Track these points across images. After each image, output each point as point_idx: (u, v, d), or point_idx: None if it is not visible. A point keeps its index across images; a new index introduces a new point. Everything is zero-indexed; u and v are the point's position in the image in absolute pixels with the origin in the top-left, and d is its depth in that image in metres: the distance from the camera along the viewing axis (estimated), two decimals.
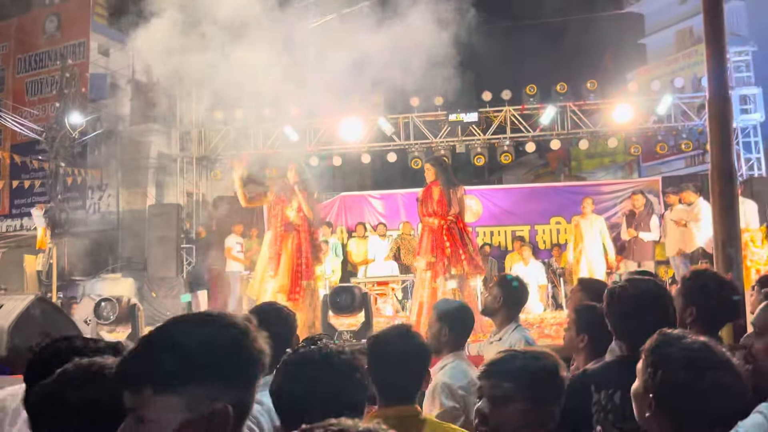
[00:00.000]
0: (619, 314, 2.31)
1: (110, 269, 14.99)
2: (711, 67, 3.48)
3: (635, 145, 13.29)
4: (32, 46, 18.39)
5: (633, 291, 2.31)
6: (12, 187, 16.31)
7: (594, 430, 2.16)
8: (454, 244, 6.34)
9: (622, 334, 2.31)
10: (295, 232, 6.76)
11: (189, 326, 1.17)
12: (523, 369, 1.69)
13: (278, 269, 6.65)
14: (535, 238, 13.14)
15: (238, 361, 1.16)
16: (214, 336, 1.15)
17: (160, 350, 1.13)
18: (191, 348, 1.13)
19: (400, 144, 13.60)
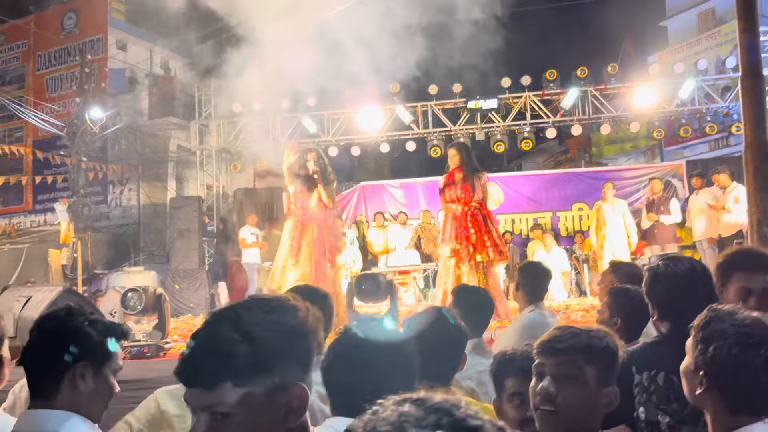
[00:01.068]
0: (662, 294, 2.25)
1: (132, 262, 15.14)
2: (743, 42, 3.38)
3: (658, 129, 13.08)
4: (51, 43, 18.56)
5: (676, 269, 2.25)
6: (35, 183, 16.50)
7: (636, 411, 2.11)
8: (479, 230, 6.27)
9: (665, 314, 2.25)
10: (316, 221, 6.73)
11: (256, 313, 1.14)
12: (591, 346, 1.61)
13: (299, 258, 6.63)
14: (557, 224, 13.03)
15: (305, 342, 1.16)
16: (283, 320, 1.14)
17: (236, 342, 1.09)
18: (266, 335, 1.11)
19: (419, 133, 13.53)
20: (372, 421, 0.74)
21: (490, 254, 6.23)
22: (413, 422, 0.71)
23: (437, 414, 0.72)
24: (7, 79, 19.45)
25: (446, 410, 0.73)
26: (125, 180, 17.25)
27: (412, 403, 0.74)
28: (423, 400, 0.75)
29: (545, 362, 1.63)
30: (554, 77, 13.15)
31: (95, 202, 15.08)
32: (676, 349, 1.97)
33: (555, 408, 1.57)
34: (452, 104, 13.56)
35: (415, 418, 0.72)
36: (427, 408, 0.73)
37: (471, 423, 0.72)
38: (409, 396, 0.76)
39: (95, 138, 13.84)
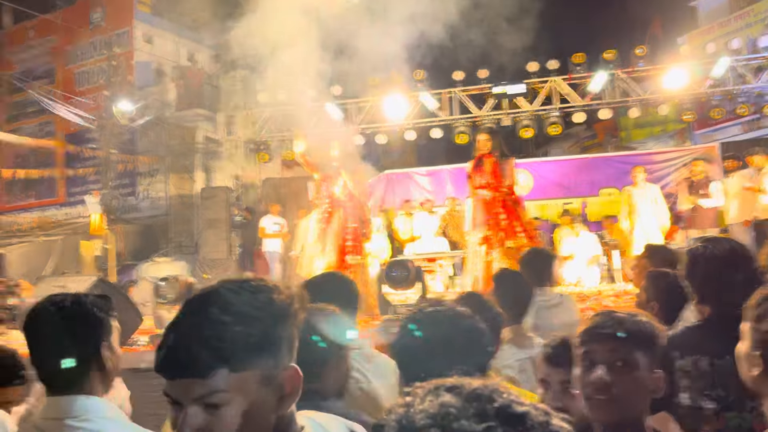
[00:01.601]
0: (703, 276, 2.19)
1: (162, 253, 15.33)
2: None
3: (688, 112, 12.82)
4: (79, 37, 18.78)
5: (716, 251, 2.19)
6: (67, 176, 16.77)
7: (679, 397, 2.06)
8: (509, 216, 6.21)
9: (706, 297, 2.19)
10: (341, 209, 6.73)
11: (243, 294, 1.08)
12: (639, 331, 1.57)
13: (325, 246, 6.64)
14: (585, 210, 12.87)
15: (292, 323, 1.11)
16: (271, 300, 1.09)
17: (228, 324, 1.03)
18: (258, 315, 1.06)
19: (445, 119, 13.43)
20: (408, 414, 0.67)
21: (522, 240, 6.17)
22: (456, 413, 0.66)
23: (480, 402, 0.67)
24: (37, 74, 19.75)
25: (488, 397, 0.68)
26: (154, 171, 17.44)
27: (448, 391, 0.69)
28: (460, 388, 0.70)
29: (595, 350, 1.56)
30: (581, 60, 12.95)
31: (125, 194, 15.29)
32: (719, 332, 1.92)
33: (611, 396, 1.53)
34: (478, 90, 13.43)
35: (457, 409, 0.66)
36: (468, 396, 0.68)
37: (517, 409, 0.67)
38: (442, 383, 0.71)
39: (123, 130, 14.02)
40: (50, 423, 1.53)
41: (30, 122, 19.59)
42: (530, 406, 0.68)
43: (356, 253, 6.39)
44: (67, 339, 1.60)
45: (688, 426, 2.03)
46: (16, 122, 19.76)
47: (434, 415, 0.66)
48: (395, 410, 0.69)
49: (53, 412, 1.54)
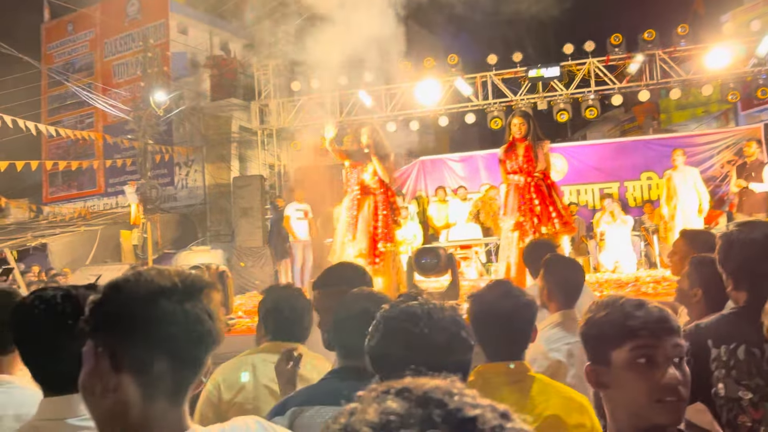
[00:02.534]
0: (738, 261, 2.08)
1: (200, 242, 15.53)
2: None
3: (733, 92, 12.40)
4: (116, 30, 19.06)
5: (752, 235, 2.07)
6: (106, 167, 17.09)
7: (714, 387, 1.97)
8: (543, 201, 6.06)
9: (741, 283, 2.08)
10: (372, 195, 6.66)
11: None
12: (677, 323, 1.48)
13: (356, 234, 6.60)
14: (624, 195, 12.59)
15: None
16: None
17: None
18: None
19: (479, 104, 13.26)
20: (350, 423, 0.63)
21: (557, 225, 6.01)
22: (398, 421, 0.61)
23: (427, 407, 0.63)
24: (77, 67, 20.13)
25: (437, 401, 0.63)
26: (190, 161, 17.65)
27: (396, 395, 0.65)
28: (409, 391, 0.65)
29: (656, 345, 1.41)
30: (619, 41, 12.62)
31: (162, 184, 15.51)
32: (756, 320, 1.83)
33: (681, 397, 1.40)
34: (512, 74, 13.22)
35: (399, 416, 0.62)
36: (416, 400, 0.63)
37: (467, 414, 0.62)
38: (394, 385, 0.66)
39: (160, 121, 14.20)
40: (50, 424, 1.48)
41: (70, 114, 20.01)
42: (486, 409, 0.63)
43: (387, 240, 6.33)
44: (60, 336, 1.53)
45: (725, 417, 1.95)
46: (57, 115, 20.20)
47: (375, 425, 0.62)
48: (340, 417, 0.65)
49: (52, 413, 1.49)
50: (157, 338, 1.10)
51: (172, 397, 1.12)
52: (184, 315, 1.11)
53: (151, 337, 1.09)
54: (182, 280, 1.13)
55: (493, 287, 2.29)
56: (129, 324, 1.10)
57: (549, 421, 1.99)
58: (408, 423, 0.61)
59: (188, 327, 1.11)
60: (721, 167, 12.06)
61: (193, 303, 1.13)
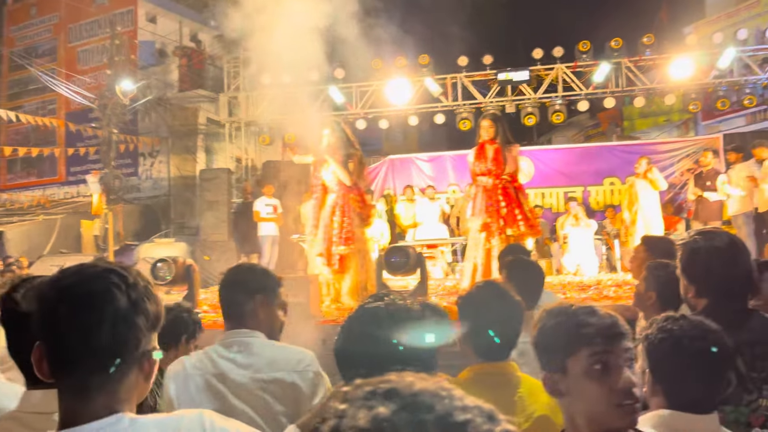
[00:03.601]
0: (702, 269, 2.17)
1: (163, 234, 15.32)
2: None
3: (694, 102, 12.75)
4: (82, 15, 18.65)
5: (716, 243, 2.17)
6: (68, 155, 16.73)
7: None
8: (510, 203, 6.17)
9: (704, 290, 2.17)
10: (332, 195, 6.67)
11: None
12: (627, 329, 1.53)
13: (317, 234, 6.62)
14: (588, 199, 12.84)
15: None
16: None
17: None
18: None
19: (448, 105, 13.36)
20: (340, 428, 0.62)
21: (522, 227, 6.13)
22: (390, 428, 0.60)
23: (417, 412, 0.61)
24: (40, 51, 19.64)
25: (427, 405, 0.62)
26: (155, 152, 17.40)
27: (385, 398, 0.63)
28: (398, 393, 0.63)
29: (610, 350, 1.43)
30: (587, 48, 12.86)
31: (126, 174, 15.24)
32: (721, 323, 1.90)
33: (637, 399, 1.42)
34: (482, 76, 13.36)
35: (391, 423, 0.60)
36: (406, 404, 0.62)
37: (458, 418, 0.61)
38: (380, 386, 0.65)
39: (126, 110, 13.94)
40: (34, 416, 1.46)
41: (31, 100, 19.52)
42: (475, 412, 0.63)
43: (345, 243, 6.30)
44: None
45: None
46: (17, 100, 19.69)
47: (363, 430, 0.61)
48: (328, 419, 0.63)
49: (39, 406, 1.47)
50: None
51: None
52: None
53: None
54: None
55: (484, 288, 2.33)
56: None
57: (539, 422, 2.02)
58: (399, 429, 0.60)
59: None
60: (680, 175, 12.39)
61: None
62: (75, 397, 1.14)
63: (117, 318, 1.13)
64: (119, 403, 1.16)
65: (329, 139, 6.66)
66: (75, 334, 1.12)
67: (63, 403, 1.16)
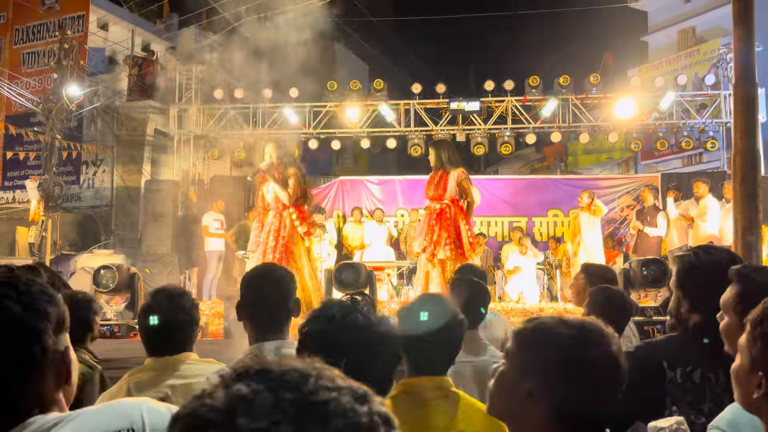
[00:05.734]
0: (701, 283, 2.13)
1: (102, 245, 14.88)
2: (739, 50, 3.40)
3: (636, 141, 13.28)
4: (30, 17, 18.14)
5: (715, 258, 2.16)
6: (5, 159, 16.13)
7: (668, 410, 1.99)
8: (441, 227, 6.31)
9: (699, 305, 2.13)
10: (269, 214, 6.68)
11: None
12: None
13: (257, 249, 6.62)
14: (532, 229, 13.13)
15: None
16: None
17: None
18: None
19: (400, 131, 13.52)
20: (197, 407, 0.59)
21: (447, 252, 6.25)
22: (243, 407, 0.57)
23: (278, 390, 0.59)
24: None
25: (293, 384, 0.60)
26: (99, 161, 16.94)
27: (250, 378, 0.60)
28: (267, 373, 0.61)
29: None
30: (537, 83, 13.26)
31: (67, 182, 14.75)
32: (712, 343, 1.87)
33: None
34: (435, 104, 13.59)
35: (246, 401, 0.58)
36: (268, 384, 0.59)
37: (320, 397, 0.59)
38: (252, 367, 0.62)
39: (71, 116, 13.59)
40: None
41: None
42: (344, 391, 0.60)
43: (279, 262, 6.28)
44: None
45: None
46: None
47: (218, 409, 0.58)
48: (189, 401, 0.61)
49: None
50: None
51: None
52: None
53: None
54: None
55: (426, 298, 2.34)
56: None
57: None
58: (251, 408, 0.57)
59: None
60: (621, 211, 12.82)
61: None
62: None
63: (11, 325, 1.09)
64: (42, 408, 1.13)
65: (270, 157, 6.69)
66: None
67: None
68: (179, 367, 2.26)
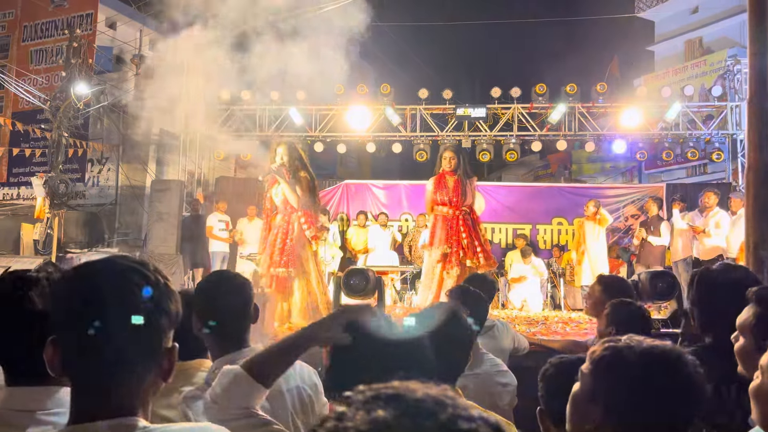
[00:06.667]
0: (719, 301, 2.16)
1: (106, 243, 14.90)
2: (754, 65, 3.41)
3: (641, 151, 13.29)
4: (39, 15, 18.21)
5: (734, 276, 2.20)
6: (11, 155, 16.15)
7: None
8: (469, 234, 6.27)
9: (714, 323, 2.17)
10: (278, 216, 6.67)
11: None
12: None
13: (265, 251, 6.61)
14: (536, 237, 13.14)
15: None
16: None
17: None
18: None
19: (406, 135, 13.54)
20: (337, 429, 0.60)
21: (481, 260, 6.23)
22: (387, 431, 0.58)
23: (419, 417, 0.59)
24: None
25: (430, 411, 0.60)
26: (104, 159, 16.97)
27: (387, 402, 0.61)
28: (401, 398, 0.62)
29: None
30: (543, 91, 13.28)
31: (72, 180, 14.77)
32: (724, 357, 1.89)
33: None
34: (441, 110, 13.61)
35: (391, 427, 0.58)
36: (407, 410, 0.60)
37: (462, 427, 0.59)
38: (384, 391, 0.63)
39: (78, 114, 13.61)
40: (17, 414, 1.41)
41: None
42: (480, 422, 0.61)
43: (285, 265, 6.28)
44: (36, 323, 1.43)
45: None
46: None
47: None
48: (327, 421, 0.62)
49: (21, 404, 1.42)
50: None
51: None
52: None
53: None
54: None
55: (440, 310, 2.35)
56: None
57: None
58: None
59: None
60: (625, 220, 12.83)
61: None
62: (91, 396, 1.12)
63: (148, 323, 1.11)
64: (136, 403, 1.14)
65: (281, 159, 6.68)
66: (96, 333, 1.09)
67: (77, 401, 1.13)
68: (196, 375, 2.24)
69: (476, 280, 3.98)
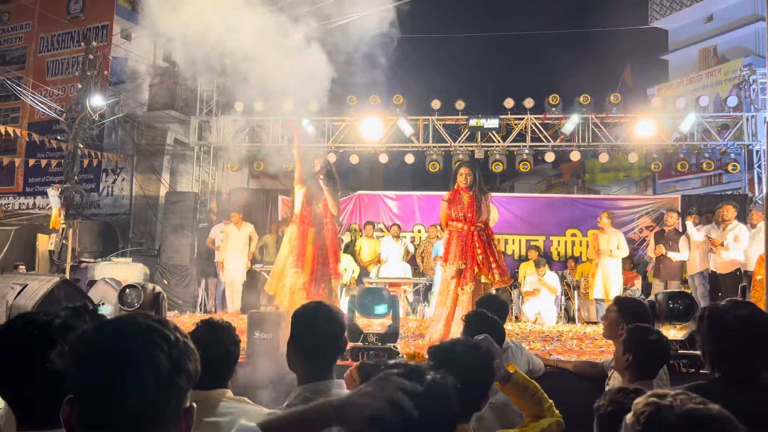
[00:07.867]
0: (732, 340, 2.14)
1: (120, 253, 14.99)
2: None
3: (656, 162, 13.19)
4: (55, 26, 18.43)
5: (744, 312, 2.18)
6: (27, 165, 16.33)
7: None
8: (484, 250, 6.25)
9: (725, 361, 2.15)
10: (319, 226, 6.72)
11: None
12: None
13: (304, 263, 6.60)
14: (549, 248, 13.07)
15: None
16: None
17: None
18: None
19: (419, 146, 13.54)
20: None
21: (496, 276, 6.20)
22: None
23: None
24: (8, 59, 19.26)
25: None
26: (119, 170, 17.12)
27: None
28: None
29: None
30: (557, 102, 13.24)
31: (87, 190, 14.91)
32: (735, 397, 1.88)
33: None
34: (454, 120, 13.61)
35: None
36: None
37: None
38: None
39: (94, 125, 13.73)
40: None
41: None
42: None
43: (330, 275, 6.36)
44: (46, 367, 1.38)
45: None
46: None
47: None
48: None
49: None
50: None
51: None
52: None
53: None
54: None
55: (460, 343, 2.33)
56: None
57: None
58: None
59: None
60: (639, 231, 12.74)
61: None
62: None
63: (159, 380, 1.10)
64: None
65: (320, 169, 6.80)
66: (114, 395, 1.08)
67: None
68: (218, 405, 2.23)
69: (489, 302, 3.95)
